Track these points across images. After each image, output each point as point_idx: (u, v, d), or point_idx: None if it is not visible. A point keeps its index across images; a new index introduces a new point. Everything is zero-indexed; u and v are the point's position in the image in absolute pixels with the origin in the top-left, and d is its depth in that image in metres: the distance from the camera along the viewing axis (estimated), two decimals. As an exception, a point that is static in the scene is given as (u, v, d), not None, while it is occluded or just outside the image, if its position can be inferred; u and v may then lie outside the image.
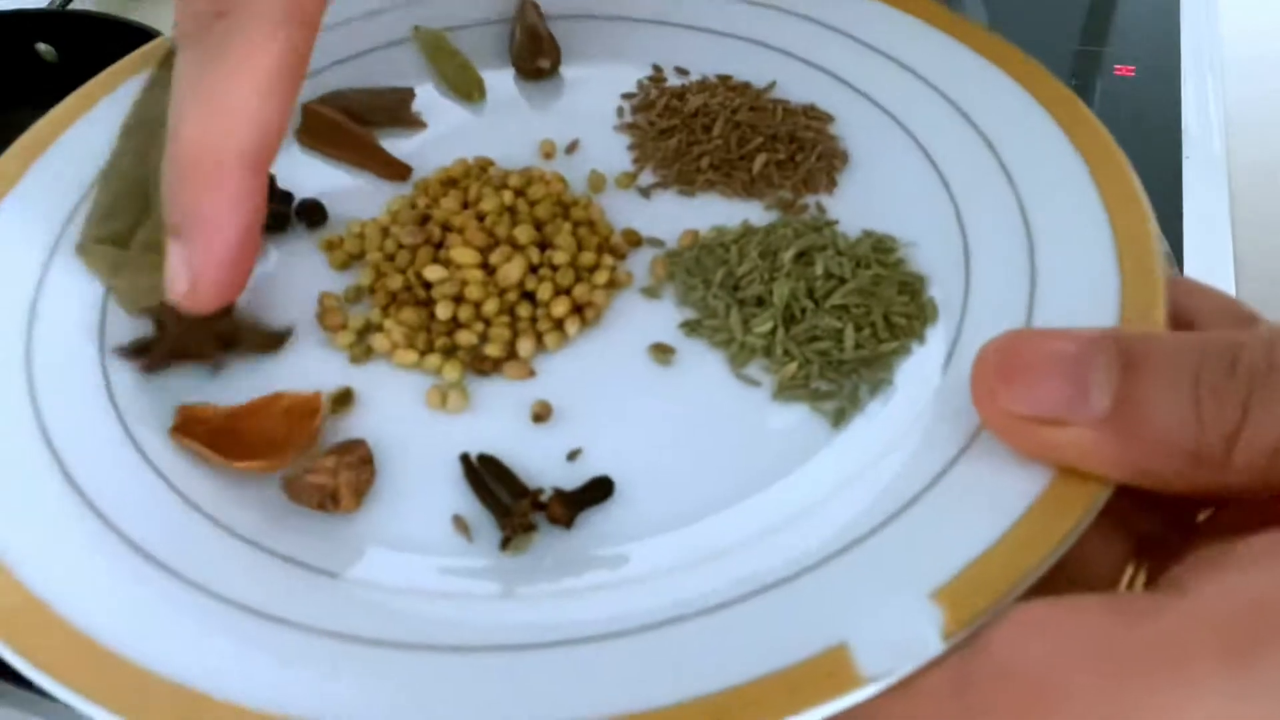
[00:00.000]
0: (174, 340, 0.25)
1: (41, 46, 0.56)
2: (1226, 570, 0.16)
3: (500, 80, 0.34)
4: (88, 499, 0.22)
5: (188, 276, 0.22)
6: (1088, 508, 0.19)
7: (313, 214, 0.30)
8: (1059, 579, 0.19)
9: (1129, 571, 0.20)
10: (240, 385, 0.25)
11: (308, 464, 0.22)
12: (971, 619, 0.18)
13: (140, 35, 0.54)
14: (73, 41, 0.56)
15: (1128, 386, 0.18)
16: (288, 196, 0.30)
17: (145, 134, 0.28)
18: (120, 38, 0.54)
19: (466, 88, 0.33)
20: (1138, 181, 0.26)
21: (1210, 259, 0.44)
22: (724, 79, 0.34)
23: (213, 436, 0.24)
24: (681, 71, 0.34)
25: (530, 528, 0.22)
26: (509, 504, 0.22)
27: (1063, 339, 0.19)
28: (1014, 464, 0.20)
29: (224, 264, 0.22)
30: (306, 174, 0.31)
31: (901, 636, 0.18)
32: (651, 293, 0.28)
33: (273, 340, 0.26)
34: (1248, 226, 0.45)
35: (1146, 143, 0.46)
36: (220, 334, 0.25)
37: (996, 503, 0.20)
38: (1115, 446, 0.18)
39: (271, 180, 0.30)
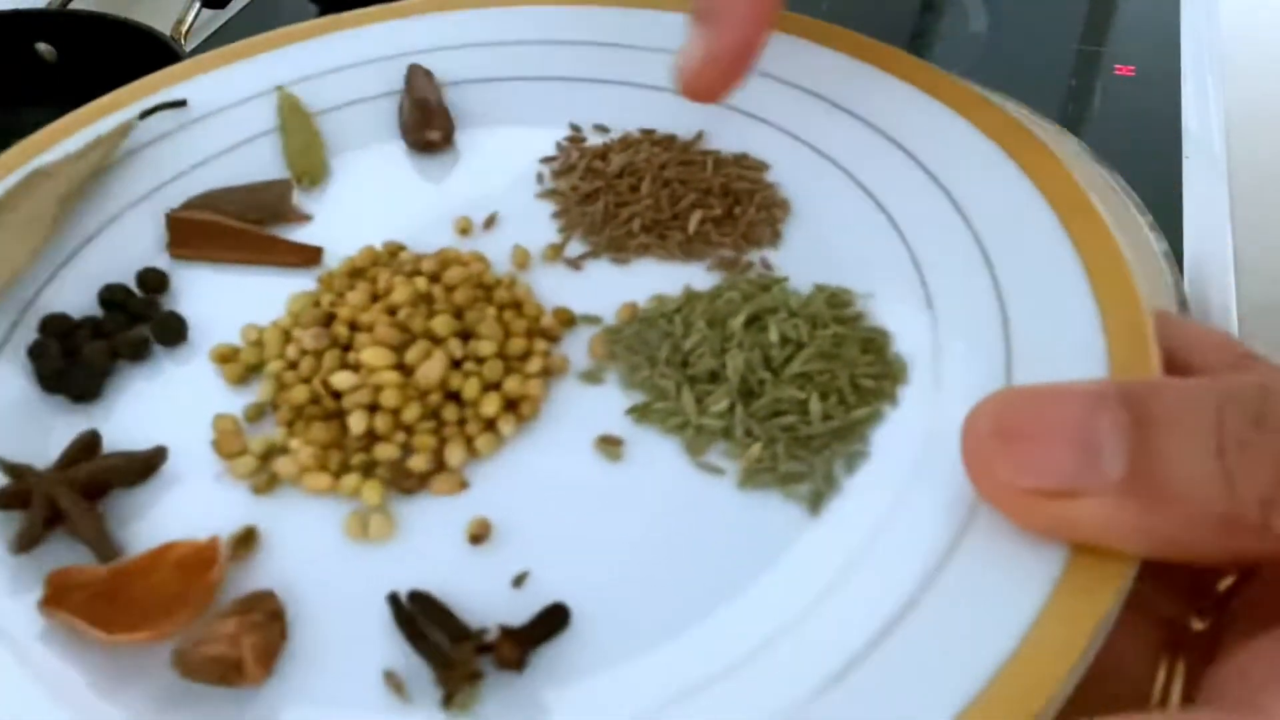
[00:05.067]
0: (44, 504, 0.21)
1: (41, 46, 0.56)
2: None
3: (410, 155, 0.32)
4: None
5: (702, 53, 0.26)
6: (1115, 590, 0.17)
7: (169, 333, 0.26)
8: (1088, 685, 0.16)
9: (1163, 668, 0.17)
10: (127, 537, 0.22)
11: (203, 630, 0.19)
12: (1006, 749, 0.15)
13: (140, 35, 0.54)
14: (73, 41, 0.56)
15: (1142, 445, 0.16)
16: (142, 316, 0.26)
17: None
18: (120, 38, 0.54)
19: (304, 167, 0.30)
20: (1101, 207, 0.25)
21: (1210, 259, 0.43)
22: (647, 133, 0.31)
23: (92, 604, 0.20)
24: (601, 129, 0.32)
25: (476, 676, 0.19)
26: (448, 651, 0.19)
27: (1062, 397, 0.17)
28: (1023, 544, 0.18)
29: (738, 47, 0.26)
30: (188, 285, 0.28)
31: (927, 780, 0.15)
32: (592, 378, 0.25)
33: (144, 466, 0.22)
34: (1248, 226, 0.44)
35: (1146, 143, 0.46)
36: (85, 482, 0.22)
37: (1010, 594, 0.17)
38: (1136, 515, 0.16)
39: (127, 298, 0.27)
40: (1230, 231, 0.44)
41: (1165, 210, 0.43)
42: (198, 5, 0.59)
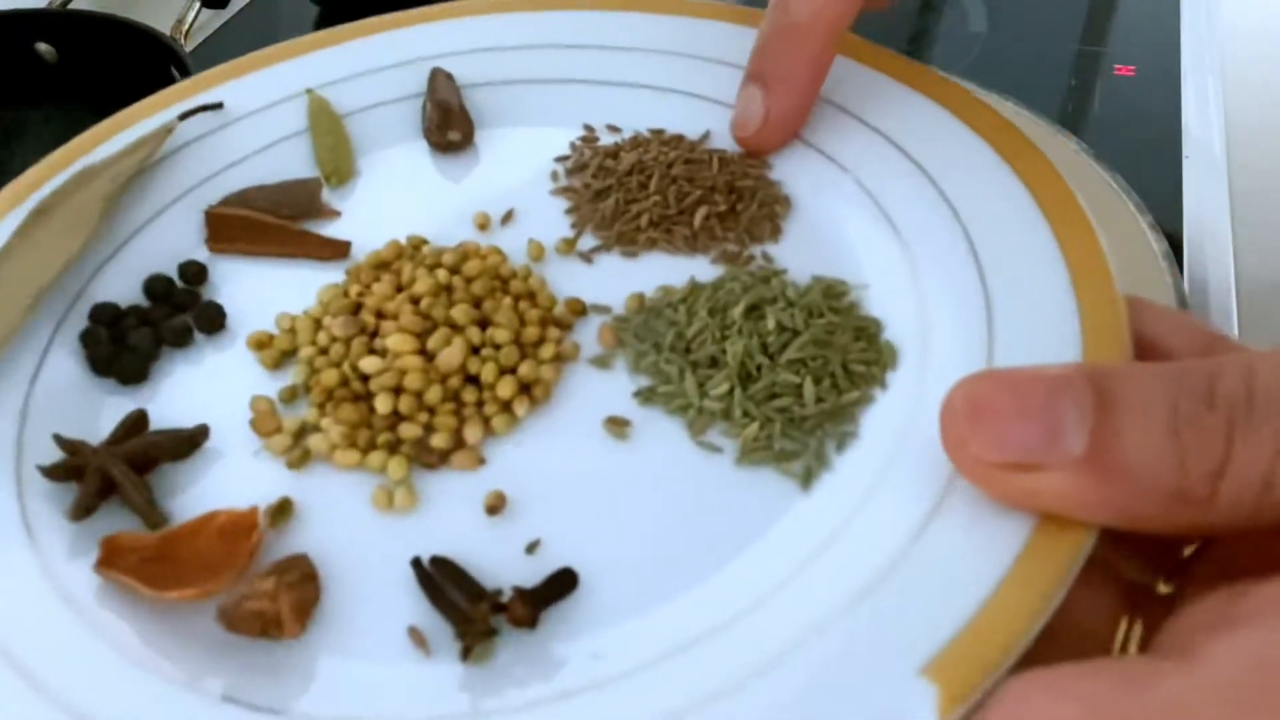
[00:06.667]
0: (96, 477, 0.23)
1: (41, 46, 0.56)
2: (1232, 631, 0.15)
3: (432, 155, 0.33)
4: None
5: (761, 115, 0.29)
6: (1073, 556, 0.18)
7: (209, 321, 0.28)
8: (1051, 641, 0.18)
9: (1122, 627, 0.19)
10: (173, 508, 0.24)
11: (245, 589, 0.21)
12: (967, 694, 0.17)
13: (140, 35, 0.54)
14: (73, 41, 0.56)
15: (1102, 424, 0.17)
16: (184, 306, 0.28)
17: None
18: (120, 38, 0.54)
19: (333, 167, 0.32)
20: (1085, 205, 0.26)
21: (1210, 259, 0.44)
22: (657, 133, 0.33)
23: (143, 566, 0.22)
24: (614, 129, 0.34)
25: (491, 633, 0.20)
26: (467, 609, 0.21)
27: (1031, 379, 0.18)
28: (993, 514, 0.19)
29: (795, 109, 0.29)
30: (226, 277, 0.30)
31: (895, 721, 0.16)
32: (602, 363, 0.27)
33: (188, 442, 0.24)
34: (1248, 226, 0.45)
35: (1146, 143, 0.46)
36: (134, 456, 0.24)
37: (978, 559, 0.19)
38: (1094, 489, 0.17)
39: (169, 289, 0.29)
40: (1230, 231, 0.44)
41: (1165, 210, 0.43)
42: (198, 5, 0.58)
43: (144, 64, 0.50)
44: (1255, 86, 0.49)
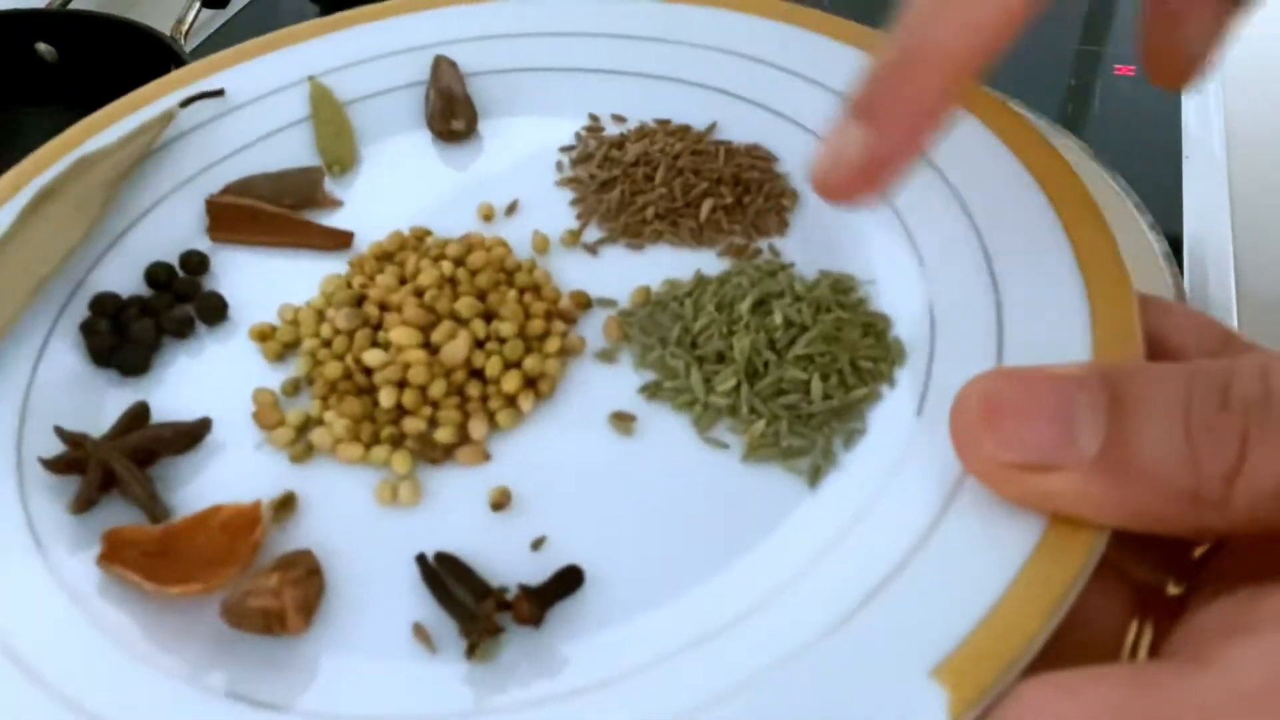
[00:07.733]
0: (98, 470, 0.23)
1: (41, 46, 0.56)
2: (1249, 636, 0.14)
3: (436, 144, 0.33)
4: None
5: (860, 153, 0.21)
6: (1086, 557, 0.18)
7: (211, 312, 0.28)
8: (1062, 644, 0.18)
9: (1133, 629, 0.19)
10: (175, 501, 0.24)
11: (249, 584, 0.21)
12: (979, 697, 0.16)
13: (140, 35, 0.54)
14: (73, 41, 0.56)
15: (1116, 425, 0.17)
16: (186, 296, 0.28)
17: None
18: (120, 38, 0.54)
19: (335, 155, 0.32)
20: (1096, 200, 0.26)
21: (1210, 259, 0.44)
22: (663, 123, 0.33)
23: (145, 561, 0.22)
24: (619, 119, 0.33)
25: (497, 630, 0.20)
26: (472, 607, 0.21)
27: (1044, 378, 0.18)
28: (1004, 515, 0.19)
29: (904, 148, 0.22)
30: (227, 267, 0.29)
31: (905, 724, 0.16)
32: (607, 357, 0.26)
33: (190, 436, 0.24)
34: (1248, 226, 0.45)
35: (1146, 143, 0.46)
36: (136, 450, 0.23)
37: (989, 560, 0.18)
38: (1107, 490, 0.17)
39: (170, 278, 0.28)
40: (1230, 231, 0.44)
41: (1165, 210, 0.43)
42: (198, 5, 0.58)
43: (144, 64, 0.51)
44: (1255, 87, 0.49)
